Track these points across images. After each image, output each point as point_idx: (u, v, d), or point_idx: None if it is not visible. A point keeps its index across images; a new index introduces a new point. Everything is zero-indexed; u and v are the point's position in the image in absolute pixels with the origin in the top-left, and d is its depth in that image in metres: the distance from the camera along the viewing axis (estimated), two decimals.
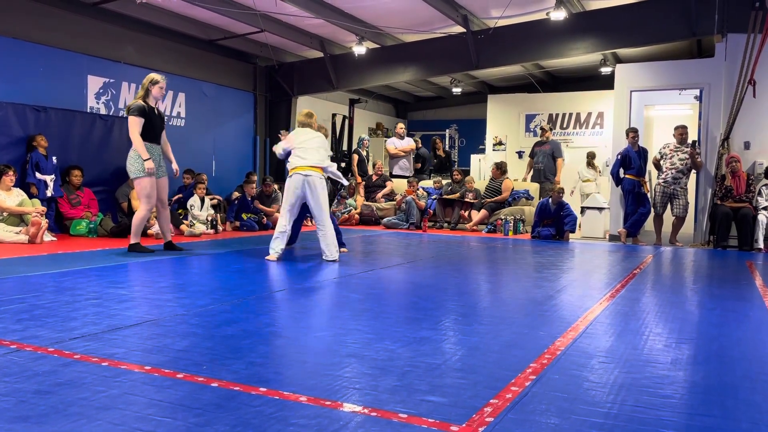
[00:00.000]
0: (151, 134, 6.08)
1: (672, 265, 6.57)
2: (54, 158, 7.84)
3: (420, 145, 12.61)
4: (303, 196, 5.84)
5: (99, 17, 8.90)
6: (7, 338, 2.73)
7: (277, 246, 5.81)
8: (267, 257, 5.81)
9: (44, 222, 6.83)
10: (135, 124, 5.93)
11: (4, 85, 7.75)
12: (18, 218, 7.16)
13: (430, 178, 11.94)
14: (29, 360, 2.43)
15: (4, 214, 7.13)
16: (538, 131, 11.88)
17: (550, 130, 11.46)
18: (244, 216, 9.58)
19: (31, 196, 7.49)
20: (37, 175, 7.65)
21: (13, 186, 7.31)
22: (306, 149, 5.91)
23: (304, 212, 6.47)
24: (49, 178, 7.77)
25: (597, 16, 9.32)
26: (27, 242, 6.61)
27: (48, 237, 6.95)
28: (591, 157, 11.75)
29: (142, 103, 6.03)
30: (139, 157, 5.94)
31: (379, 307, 3.80)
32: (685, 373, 2.52)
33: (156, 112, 6.18)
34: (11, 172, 7.23)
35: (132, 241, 6.15)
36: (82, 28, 8.69)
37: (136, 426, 1.81)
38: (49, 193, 7.73)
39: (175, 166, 6.42)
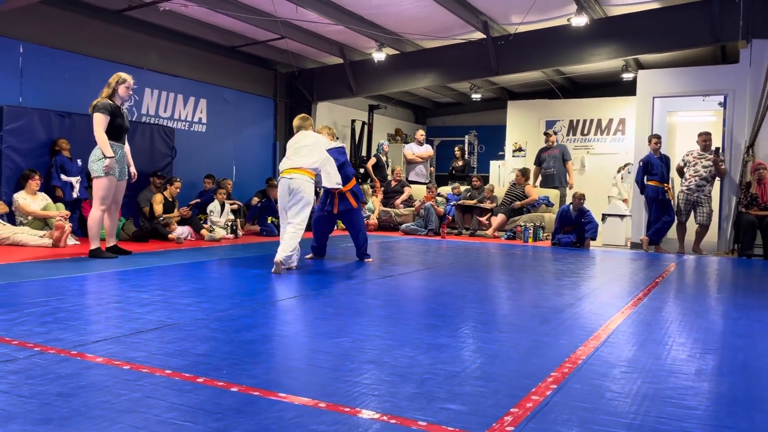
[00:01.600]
0: (116, 134, 5.91)
1: (695, 274, 6.47)
2: (79, 160, 7.97)
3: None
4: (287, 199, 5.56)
5: (123, 24, 9.04)
6: (31, 341, 2.77)
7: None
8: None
9: (68, 226, 6.92)
10: (100, 122, 5.76)
11: (31, 91, 7.90)
12: (42, 222, 7.28)
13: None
14: (52, 362, 2.46)
15: (29, 217, 7.25)
16: (544, 136, 11.80)
17: (555, 134, 11.38)
18: (269, 219, 9.64)
19: (56, 199, 7.62)
20: (63, 177, 7.78)
21: (39, 190, 7.45)
22: (296, 150, 5.66)
23: (330, 224, 6.44)
24: (75, 180, 7.89)
25: (619, 21, 9.25)
26: (51, 246, 6.70)
27: (71, 240, 7.05)
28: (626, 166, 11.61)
29: (108, 101, 5.87)
30: (102, 156, 5.78)
31: (398, 314, 3.79)
32: (710, 384, 2.47)
33: (121, 111, 6.00)
34: (37, 177, 7.36)
35: (92, 247, 5.93)
36: (106, 36, 8.84)
37: (157, 430, 1.82)
38: (75, 194, 7.85)
39: (133, 170, 6.22)
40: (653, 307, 4.19)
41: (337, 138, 6.63)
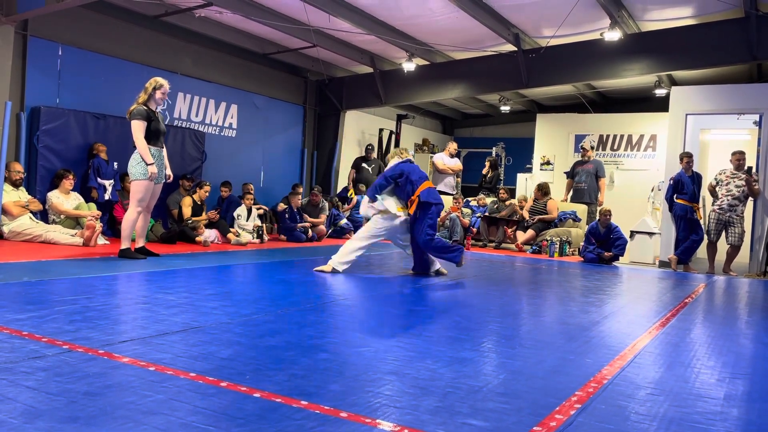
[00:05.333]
0: (154, 138, 6.07)
1: (725, 296, 6.34)
2: (115, 163, 8.14)
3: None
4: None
5: (159, 29, 9.21)
6: (60, 338, 2.82)
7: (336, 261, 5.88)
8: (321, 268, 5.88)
9: (99, 226, 7.05)
10: (138, 129, 5.92)
11: (68, 93, 8.08)
12: (74, 221, 7.42)
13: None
14: (80, 361, 2.50)
15: (62, 216, 7.40)
16: (580, 150, 11.69)
17: (592, 149, 11.25)
18: (298, 226, 9.70)
19: (91, 199, 7.80)
20: (98, 179, 7.96)
21: (76, 189, 7.63)
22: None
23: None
24: (108, 183, 8.05)
25: (653, 37, 9.14)
26: (81, 245, 6.83)
27: (101, 240, 7.17)
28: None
29: (143, 107, 6.00)
30: (142, 160, 5.95)
31: (421, 325, 3.78)
32: (739, 411, 2.41)
33: (156, 115, 6.13)
34: (71, 176, 7.52)
35: (122, 247, 6.06)
36: (142, 40, 9.01)
37: None
38: (107, 196, 8.02)
39: (169, 172, 6.41)
40: (681, 328, 4.11)
41: (404, 153, 6.48)
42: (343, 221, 11.01)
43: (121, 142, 8.51)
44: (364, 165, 12.14)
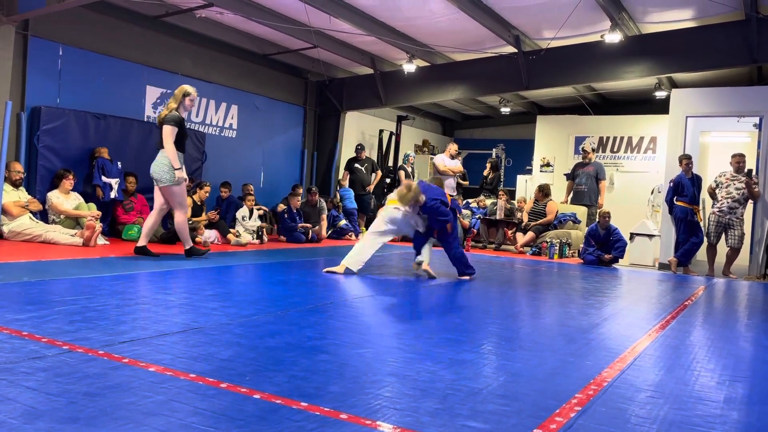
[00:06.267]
0: (181, 144, 6.27)
1: (725, 298, 6.34)
2: (119, 162, 8.15)
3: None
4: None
5: (160, 30, 9.21)
6: (60, 339, 2.82)
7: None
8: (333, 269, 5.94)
9: (98, 226, 7.05)
10: (169, 134, 6.11)
11: (68, 93, 8.09)
12: (74, 221, 7.42)
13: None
14: (80, 361, 2.50)
15: (62, 216, 7.40)
16: (580, 151, 11.69)
17: (593, 152, 11.26)
18: (299, 227, 9.72)
19: (92, 199, 7.80)
20: (103, 178, 7.97)
21: (77, 190, 7.64)
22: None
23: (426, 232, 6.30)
24: (114, 182, 8.06)
25: (653, 39, 9.15)
26: (81, 245, 6.83)
27: (101, 240, 7.18)
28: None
29: (176, 113, 6.21)
30: (170, 166, 6.12)
31: (420, 326, 3.78)
32: (739, 414, 2.41)
33: (184, 122, 6.40)
34: (71, 176, 7.52)
35: (186, 247, 6.46)
36: (143, 40, 9.01)
37: None
38: (112, 194, 8.03)
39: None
40: (681, 331, 4.11)
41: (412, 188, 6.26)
42: (343, 222, 11.03)
43: (121, 142, 8.53)
44: (356, 165, 12.13)
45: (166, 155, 6.11)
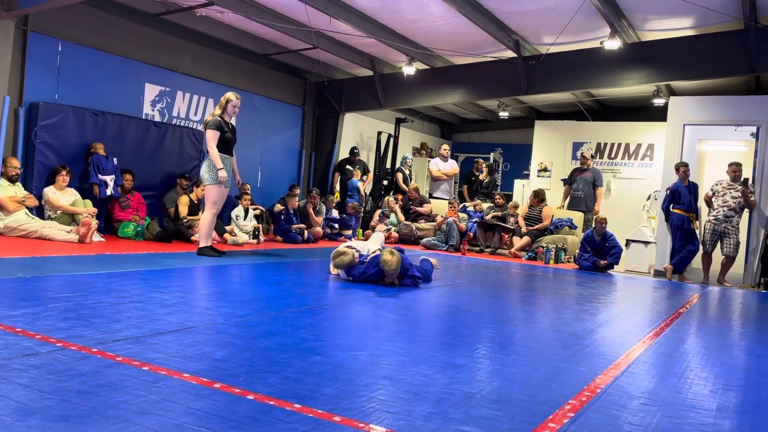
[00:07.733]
0: (224, 146, 6.75)
1: (720, 307, 6.35)
2: (115, 159, 8.12)
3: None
4: None
5: (160, 28, 9.20)
6: (54, 336, 2.81)
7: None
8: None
9: (94, 223, 7.04)
10: (211, 138, 6.64)
11: (67, 89, 8.07)
12: (70, 217, 7.41)
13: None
14: (73, 359, 2.49)
15: (58, 212, 7.38)
16: (578, 157, 11.72)
17: (592, 158, 11.29)
18: (293, 228, 9.71)
19: (90, 196, 7.77)
20: (99, 176, 7.94)
21: (73, 186, 7.61)
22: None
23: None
24: (109, 178, 8.04)
25: (653, 47, 9.18)
26: (77, 242, 6.81)
27: (97, 237, 7.16)
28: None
29: (218, 118, 6.72)
30: (213, 166, 6.58)
31: (415, 330, 3.78)
32: (731, 422, 2.42)
33: (229, 127, 6.85)
34: (65, 172, 7.50)
35: (201, 245, 6.70)
36: (143, 38, 9.00)
37: None
38: (108, 192, 8.00)
39: (237, 178, 7.23)
40: (675, 338, 4.12)
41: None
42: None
43: (119, 139, 8.51)
44: (348, 167, 12.13)
45: (209, 157, 6.62)
